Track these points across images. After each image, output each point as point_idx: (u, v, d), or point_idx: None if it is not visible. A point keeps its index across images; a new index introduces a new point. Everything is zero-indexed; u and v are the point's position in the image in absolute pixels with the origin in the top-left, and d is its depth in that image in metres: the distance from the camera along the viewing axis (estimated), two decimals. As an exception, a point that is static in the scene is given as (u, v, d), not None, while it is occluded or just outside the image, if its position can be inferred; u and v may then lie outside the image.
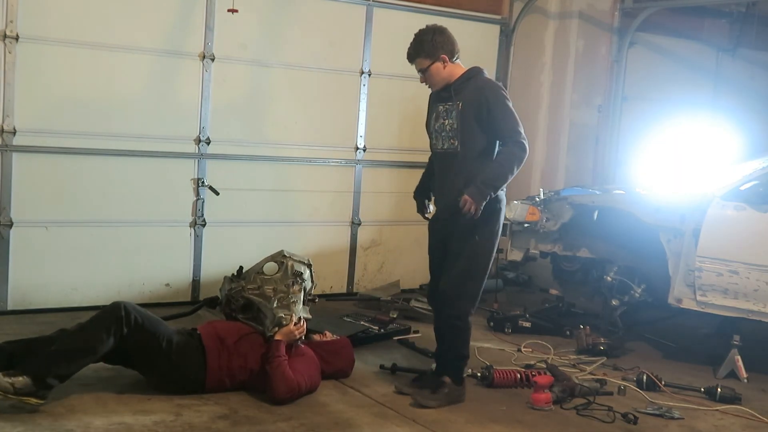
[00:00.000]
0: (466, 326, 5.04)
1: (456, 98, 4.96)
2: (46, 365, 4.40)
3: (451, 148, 4.99)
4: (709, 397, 5.45)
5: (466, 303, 4.99)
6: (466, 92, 4.94)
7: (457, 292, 4.95)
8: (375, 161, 7.86)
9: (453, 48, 4.99)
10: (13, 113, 6.16)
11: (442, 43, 4.95)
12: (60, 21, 6.29)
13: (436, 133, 5.08)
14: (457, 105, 4.94)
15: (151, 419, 4.43)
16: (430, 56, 4.95)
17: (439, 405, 4.93)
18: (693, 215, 5.97)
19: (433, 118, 5.10)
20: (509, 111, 4.90)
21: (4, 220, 6.22)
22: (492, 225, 4.96)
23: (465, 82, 4.98)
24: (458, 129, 4.93)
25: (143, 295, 6.76)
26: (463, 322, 5.00)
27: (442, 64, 4.96)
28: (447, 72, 4.99)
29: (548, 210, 6.66)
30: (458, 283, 4.95)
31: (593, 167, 8.56)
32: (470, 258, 4.93)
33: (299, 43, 7.33)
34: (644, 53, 8.75)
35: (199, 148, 6.91)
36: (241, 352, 4.90)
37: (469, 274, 4.94)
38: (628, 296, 6.55)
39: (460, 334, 5.03)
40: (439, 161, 5.13)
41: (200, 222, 6.98)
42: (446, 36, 5.00)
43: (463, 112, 4.92)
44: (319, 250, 7.55)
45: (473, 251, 4.91)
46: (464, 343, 5.08)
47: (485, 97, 4.88)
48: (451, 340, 5.06)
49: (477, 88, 4.93)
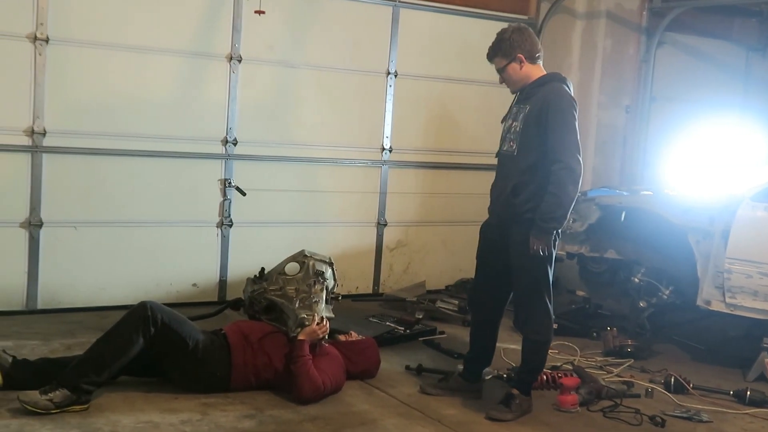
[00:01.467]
0: (546, 339, 4.95)
1: (527, 101, 4.84)
2: (81, 373, 4.45)
3: (509, 150, 4.88)
4: (738, 400, 5.39)
5: (542, 317, 4.88)
6: (536, 97, 4.80)
7: (530, 309, 4.88)
8: (401, 162, 7.85)
9: (532, 48, 4.86)
10: (43, 114, 6.23)
11: (519, 43, 4.82)
12: (89, 23, 6.36)
13: (503, 134, 5.01)
14: (525, 108, 4.83)
15: (178, 418, 4.46)
16: (506, 56, 4.84)
17: (514, 417, 4.85)
18: (722, 216, 5.91)
19: (506, 118, 5.01)
20: (567, 127, 4.69)
21: (35, 220, 6.29)
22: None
23: (539, 86, 4.84)
24: (519, 132, 4.81)
25: (170, 295, 6.81)
26: (542, 335, 4.92)
27: (518, 64, 4.84)
28: (524, 73, 4.86)
29: (575, 211, 6.60)
30: (527, 299, 4.89)
31: (621, 168, 8.50)
32: (531, 271, 4.82)
33: (325, 44, 7.35)
34: (673, 53, 8.68)
35: (226, 149, 6.95)
36: (265, 350, 4.92)
37: (534, 287, 4.85)
38: (655, 298, 6.50)
39: (540, 348, 4.96)
40: (499, 163, 5.05)
41: (227, 222, 7.02)
42: (525, 36, 4.87)
43: (528, 116, 4.79)
44: (345, 250, 7.57)
45: (532, 263, 4.79)
46: (542, 358, 5.02)
47: (548, 105, 4.72)
48: (529, 354, 4.98)
49: (546, 94, 4.76)
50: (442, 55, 7.93)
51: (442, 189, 8.11)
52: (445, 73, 7.95)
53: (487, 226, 5.12)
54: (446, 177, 8.13)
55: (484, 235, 5.14)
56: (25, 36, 6.11)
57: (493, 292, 5.08)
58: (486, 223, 5.14)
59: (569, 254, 6.92)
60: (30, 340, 5.60)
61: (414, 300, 7.28)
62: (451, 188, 8.14)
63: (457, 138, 8.11)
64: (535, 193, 4.77)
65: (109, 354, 4.54)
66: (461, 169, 8.15)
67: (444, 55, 7.93)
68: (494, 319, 5.17)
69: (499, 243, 4.95)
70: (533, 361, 5.00)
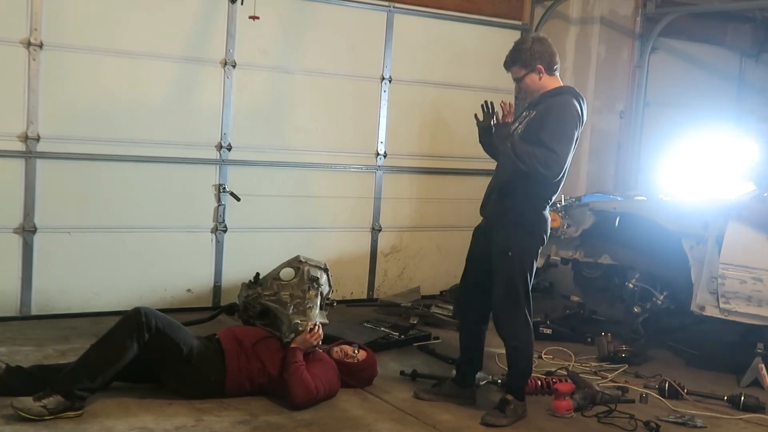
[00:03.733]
0: (524, 344, 4.93)
1: (536, 107, 4.84)
2: (74, 379, 4.43)
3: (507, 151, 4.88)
4: (733, 405, 5.39)
5: (518, 321, 4.87)
6: (545, 104, 4.80)
7: (507, 315, 4.89)
8: (395, 167, 7.86)
9: (551, 60, 4.83)
10: (37, 120, 6.22)
11: (540, 53, 4.79)
12: (83, 29, 6.35)
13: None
14: (531, 113, 4.84)
15: (173, 424, 4.45)
16: (526, 65, 4.81)
17: (509, 422, 4.85)
18: (716, 222, 5.91)
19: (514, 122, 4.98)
20: (561, 129, 4.67)
21: (28, 225, 6.28)
22: (526, 239, 4.85)
23: (551, 96, 4.82)
24: (519, 135, 4.81)
25: (165, 300, 6.80)
26: (520, 341, 4.91)
27: (537, 75, 4.81)
28: (542, 83, 4.83)
29: (569, 216, 6.63)
30: (505, 304, 4.89)
31: (615, 173, 8.52)
32: (509, 277, 4.83)
33: (320, 50, 7.36)
34: (667, 59, 8.71)
35: (220, 155, 6.95)
36: (259, 356, 4.91)
37: (510, 293, 4.84)
38: (650, 303, 6.51)
39: (519, 353, 4.95)
40: (497, 165, 5.06)
41: (221, 228, 7.01)
42: (546, 46, 4.85)
43: (531, 120, 4.80)
44: (340, 255, 7.56)
45: (510, 269, 4.81)
46: (526, 361, 5.00)
47: (548, 107, 4.74)
48: (513, 359, 4.98)
49: (553, 102, 4.77)
50: (436, 61, 7.93)
51: (437, 194, 8.11)
52: (440, 79, 7.96)
53: (478, 228, 5.14)
54: (441, 182, 8.13)
55: (473, 237, 5.17)
56: (19, 41, 6.11)
57: (479, 295, 5.06)
58: (478, 225, 5.16)
59: (563, 259, 6.92)
60: (24, 346, 5.59)
61: (408, 305, 7.28)
62: (446, 193, 8.14)
63: (451, 143, 8.11)
64: (522, 199, 4.80)
65: (103, 360, 4.53)
66: (456, 174, 8.16)
67: (438, 61, 7.94)
68: (480, 322, 5.15)
69: (484, 245, 4.97)
70: (517, 366, 4.99)
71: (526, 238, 4.84)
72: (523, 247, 4.84)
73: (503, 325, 4.94)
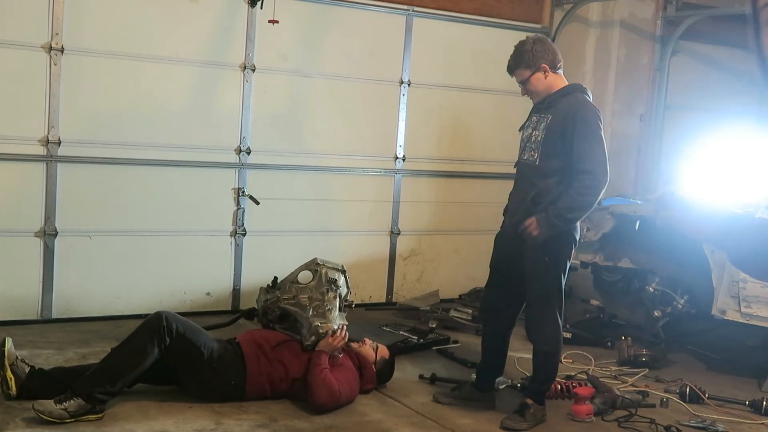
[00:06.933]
0: (555, 350, 4.93)
1: (549, 111, 4.83)
2: (95, 382, 4.44)
3: (530, 159, 4.86)
4: (754, 410, 5.36)
5: (550, 326, 4.86)
6: (559, 106, 4.78)
7: (539, 320, 4.87)
8: (414, 171, 7.86)
9: (554, 58, 4.86)
10: (58, 124, 6.26)
11: (542, 53, 4.82)
12: (104, 33, 6.39)
13: (522, 143, 4.98)
14: (547, 118, 4.82)
15: (192, 427, 4.47)
16: (530, 66, 4.82)
17: (529, 427, 4.84)
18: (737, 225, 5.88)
19: (525, 127, 5.00)
20: (594, 138, 4.67)
21: (50, 229, 6.32)
22: (561, 244, 4.81)
23: (562, 96, 4.82)
24: (541, 142, 4.79)
25: (184, 304, 6.83)
26: (551, 346, 4.90)
27: (543, 74, 4.82)
28: (548, 83, 4.85)
29: (589, 220, 6.60)
30: (538, 309, 4.87)
31: (635, 177, 8.47)
32: (544, 282, 4.81)
33: (339, 53, 7.37)
34: (687, 62, 8.65)
35: (239, 158, 6.97)
36: (279, 359, 4.92)
37: (545, 298, 4.83)
38: (670, 307, 6.48)
39: (549, 358, 4.94)
40: (518, 172, 5.03)
41: (241, 231, 7.03)
42: (547, 45, 4.89)
43: (550, 126, 4.77)
44: (359, 259, 7.57)
45: (545, 274, 4.80)
46: (553, 367, 5.00)
47: (573, 116, 4.70)
48: (540, 364, 4.96)
49: (570, 105, 4.75)
50: (455, 64, 7.93)
51: (456, 198, 8.10)
52: (459, 82, 7.96)
53: (502, 235, 5.10)
54: (460, 186, 8.12)
55: (498, 245, 5.13)
56: (40, 46, 6.15)
57: (505, 302, 5.06)
58: (500, 232, 5.12)
59: (583, 263, 6.90)
60: (45, 349, 5.62)
61: (427, 309, 7.28)
62: (465, 197, 8.13)
63: (470, 147, 8.11)
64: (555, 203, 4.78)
65: (124, 364, 4.54)
66: (475, 178, 8.14)
67: (457, 64, 7.94)
68: (505, 329, 5.15)
69: (514, 252, 4.93)
70: (544, 371, 4.98)
71: (561, 243, 4.81)
72: (559, 252, 4.82)
73: (535, 329, 4.92)
